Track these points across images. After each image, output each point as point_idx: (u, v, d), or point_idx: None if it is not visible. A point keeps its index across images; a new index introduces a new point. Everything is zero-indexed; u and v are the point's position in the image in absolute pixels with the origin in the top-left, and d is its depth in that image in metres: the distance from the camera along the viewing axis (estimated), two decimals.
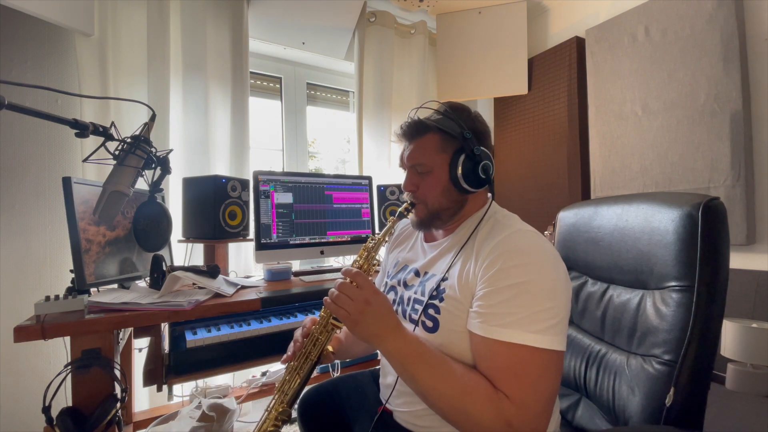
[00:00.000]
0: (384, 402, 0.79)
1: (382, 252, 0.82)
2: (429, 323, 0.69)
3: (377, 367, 0.99)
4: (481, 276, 0.63)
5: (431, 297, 0.70)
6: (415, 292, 0.75)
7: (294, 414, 0.76)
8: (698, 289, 0.64)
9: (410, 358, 0.60)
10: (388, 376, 0.79)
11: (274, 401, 0.67)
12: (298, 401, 0.67)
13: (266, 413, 0.65)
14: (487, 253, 0.63)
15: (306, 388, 0.97)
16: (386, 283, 0.87)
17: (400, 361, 0.61)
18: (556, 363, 0.58)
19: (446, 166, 0.72)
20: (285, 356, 0.74)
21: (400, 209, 0.77)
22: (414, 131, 0.74)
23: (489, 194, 0.78)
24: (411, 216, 0.78)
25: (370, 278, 0.67)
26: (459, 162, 0.70)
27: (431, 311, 0.69)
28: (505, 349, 0.57)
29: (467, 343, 0.64)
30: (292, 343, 0.76)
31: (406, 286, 0.79)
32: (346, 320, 0.63)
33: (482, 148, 0.72)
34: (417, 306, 0.73)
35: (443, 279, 0.70)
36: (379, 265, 0.92)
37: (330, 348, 0.77)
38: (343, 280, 0.65)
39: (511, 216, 0.73)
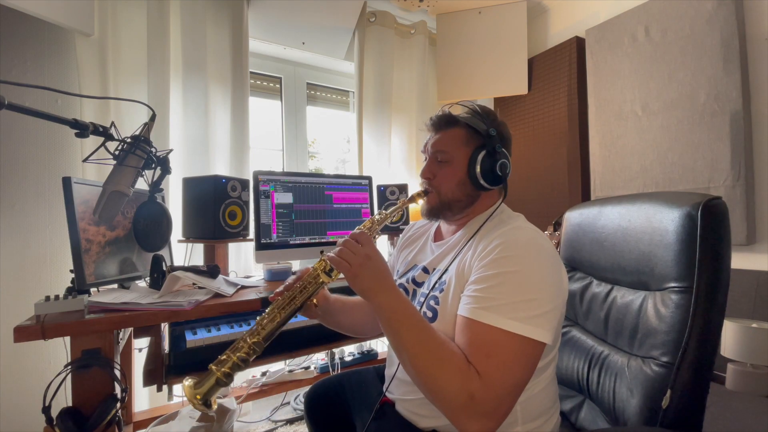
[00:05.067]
0: (384, 389, 0.80)
1: (384, 247, 0.82)
2: (429, 314, 0.72)
3: (381, 365, 1.00)
4: (476, 265, 0.65)
5: (432, 289, 0.73)
6: (424, 288, 0.78)
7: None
8: (697, 291, 0.64)
9: (398, 314, 0.62)
10: (391, 366, 0.81)
11: (249, 332, 0.66)
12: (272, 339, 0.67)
13: (241, 341, 0.65)
14: (485, 244, 0.66)
15: (312, 384, 0.98)
16: (396, 281, 0.88)
17: (388, 316, 0.62)
18: (531, 352, 0.59)
19: (466, 159, 0.74)
20: (273, 293, 0.75)
21: (413, 193, 0.80)
22: (443, 122, 0.78)
23: (500, 195, 0.80)
24: (422, 202, 0.80)
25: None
26: (479, 157, 0.73)
27: (432, 302, 0.72)
28: (483, 329, 0.59)
29: None
30: (283, 284, 0.77)
31: (416, 283, 0.82)
32: (347, 272, 0.65)
33: (503, 149, 0.75)
34: (422, 299, 0.75)
35: (445, 272, 0.73)
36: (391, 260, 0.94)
37: (315, 301, 0.78)
38: (347, 239, 0.68)
39: (516, 216, 0.76)
